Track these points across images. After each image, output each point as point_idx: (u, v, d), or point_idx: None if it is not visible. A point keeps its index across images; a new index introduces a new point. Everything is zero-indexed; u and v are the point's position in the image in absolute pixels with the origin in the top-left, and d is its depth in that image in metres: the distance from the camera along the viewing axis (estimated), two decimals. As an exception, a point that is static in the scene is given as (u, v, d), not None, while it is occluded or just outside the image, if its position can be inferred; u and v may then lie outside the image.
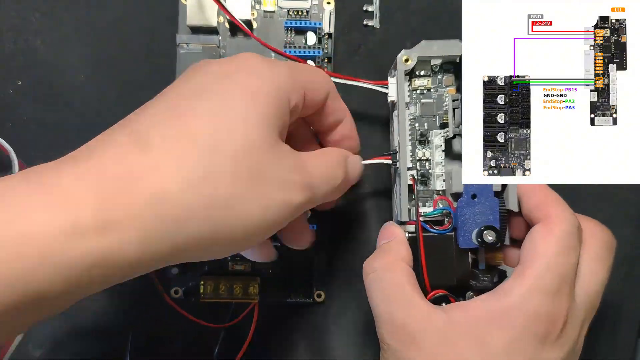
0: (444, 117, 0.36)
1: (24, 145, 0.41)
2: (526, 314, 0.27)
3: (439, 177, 0.36)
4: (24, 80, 0.41)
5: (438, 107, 0.36)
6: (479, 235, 0.33)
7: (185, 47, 0.40)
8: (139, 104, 0.32)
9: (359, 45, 0.42)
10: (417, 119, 0.36)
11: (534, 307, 0.27)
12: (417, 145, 0.36)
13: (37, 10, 0.41)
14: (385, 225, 0.34)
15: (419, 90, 0.36)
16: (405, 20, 0.42)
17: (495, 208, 0.33)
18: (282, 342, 0.42)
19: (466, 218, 0.33)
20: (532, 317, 0.27)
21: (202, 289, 0.39)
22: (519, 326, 0.27)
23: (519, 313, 0.27)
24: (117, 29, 0.41)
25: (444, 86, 0.36)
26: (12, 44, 0.41)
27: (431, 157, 0.36)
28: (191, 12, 0.39)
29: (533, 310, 0.27)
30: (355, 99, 0.39)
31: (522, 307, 0.27)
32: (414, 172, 0.36)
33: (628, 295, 0.42)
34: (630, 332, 0.42)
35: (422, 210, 0.35)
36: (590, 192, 0.42)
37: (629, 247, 0.42)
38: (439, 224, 0.34)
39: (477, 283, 0.34)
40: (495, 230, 0.32)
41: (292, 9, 0.40)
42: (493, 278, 0.34)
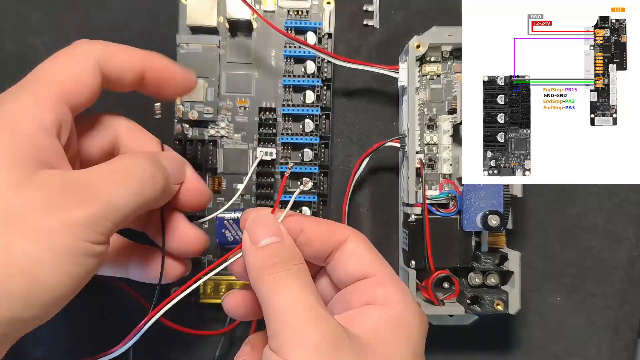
0: (453, 102, 0.36)
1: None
2: None
3: (446, 161, 0.37)
4: (24, 80, 0.41)
5: (447, 92, 0.37)
6: (483, 219, 0.34)
7: (185, 47, 0.40)
8: (138, 104, 0.32)
9: (359, 45, 0.42)
10: (426, 104, 0.37)
11: None
12: (425, 129, 0.37)
13: (37, 10, 0.41)
14: (256, 216, 0.28)
15: (428, 75, 0.37)
16: (405, 20, 0.42)
17: (499, 193, 0.34)
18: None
19: (471, 202, 0.34)
20: None
21: (202, 290, 0.39)
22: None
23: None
24: (117, 29, 0.41)
25: (453, 72, 0.37)
26: (12, 44, 0.41)
27: (439, 142, 0.37)
28: (191, 12, 0.39)
29: None
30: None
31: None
32: (422, 155, 0.36)
33: (628, 295, 0.42)
34: (630, 332, 0.42)
35: (428, 193, 0.36)
36: (590, 192, 0.42)
37: (629, 247, 0.42)
38: (444, 207, 0.36)
39: (479, 265, 0.35)
40: (499, 214, 0.34)
41: (292, 9, 0.40)
42: (495, 260, 0.35)
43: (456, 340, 0.42)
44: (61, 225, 0.22)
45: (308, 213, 0.39)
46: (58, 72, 0.25)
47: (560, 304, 0.42)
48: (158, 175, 0.26)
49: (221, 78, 0.40)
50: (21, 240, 0.21)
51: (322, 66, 0.39)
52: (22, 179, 0.22)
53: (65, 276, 0.22)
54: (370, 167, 0.42)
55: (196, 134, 0.40)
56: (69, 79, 0.25)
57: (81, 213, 0.22)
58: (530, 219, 0.42)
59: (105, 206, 0.23)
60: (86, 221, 0.22)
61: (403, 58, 0.37)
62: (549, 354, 0.42)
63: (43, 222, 0.21)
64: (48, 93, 0.24)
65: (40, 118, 0.24)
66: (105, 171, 0.24)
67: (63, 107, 0.25)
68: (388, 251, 0.42)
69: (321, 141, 0.39)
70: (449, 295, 0.37)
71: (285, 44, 0.40)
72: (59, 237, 0.22)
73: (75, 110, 0.26)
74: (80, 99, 0.26)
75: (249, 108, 0.40)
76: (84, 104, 0.26)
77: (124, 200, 0.24)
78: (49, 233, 0.21)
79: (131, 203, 0.24)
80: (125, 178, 0.24)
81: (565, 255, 0.42)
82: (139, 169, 0.25)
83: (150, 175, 0.26)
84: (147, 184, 0.26)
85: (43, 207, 0.22)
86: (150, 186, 0.26)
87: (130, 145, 0.29)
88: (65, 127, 0.25)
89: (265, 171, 0.40)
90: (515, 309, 0.35)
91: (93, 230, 0.22)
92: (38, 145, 0.23)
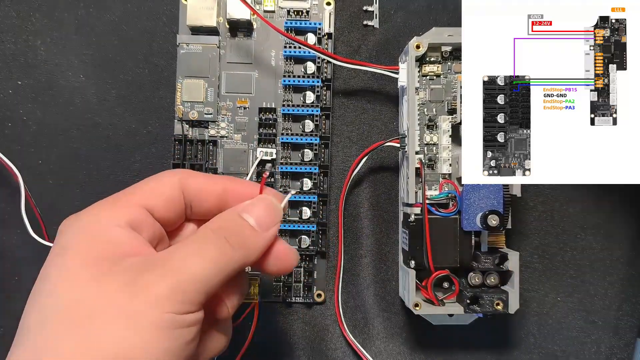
0: (453, 102, 0.36)
1: (24, 145, 0.41)
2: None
3: (445, 161, 0.37)
4: (24, 80, 0.41)
5: (447, 92, 0.37)
6: (483, 219, 0.34)
7: (185, 47, 0.40)
8: (138, 104, 0.33)
9: (359, 46, 0.42)
10: (426, 104, 0.37)
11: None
12: (425, 129, 0.37)
13: (37, 10, 0.41)
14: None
15: (428, 76, 0.37)
16: (405, 20, 0.42)
17: (499, 193, 0.34)
18: (282, 342, 0.42)
19: (471, 202, 0.34)
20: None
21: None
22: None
23: None
24: (117, 29, 0.42)
25: (453, 72, 0.37)
26: (12, 44, 0.41)
27: (439, 142, 0.37)
28: (191, 12, 0.39)
29: None
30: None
31: None
32: (422, 156, 0.36)
33: (628, 295, 0.42)
34: (630, 332, 0.42)
35: (428, 193, 0.36)
36: (590, 192, 0.42)
37: (629, 247, 0.42)
38: (444, 207, 0.36)
39: (479, 265, 0.35)
40: (499, 214, 0.34)
41: (292, 9, 0.40)
42: (495, 260, 0.35)
43: (456, 340, 0.42)
44: (144, 303, 0.22)
45: (308, 213, 0.40)
46: (140, 184, 0.28)
47: (560, 304, 0.42)
48: (234, 238, 0.26)
49: (221, 78, 0.40)
50: (110, 328, 0.22)
51: (322, 66, 0.39)
52: (101, 272, 0.23)
53: (160, 352, 0.23)
54: (370, 167, 0.42)
55: (196, 134, 0.40)
56: (146, 188, 0.27)
57: (160, 287, 0.23)
58: (530, 219, 0.42)
59: (184, 276, 0.24)
60: (167, 294, 0.23)
61: (403, 58, 0.37)
62: (549, 354, 0.42)
63: (127, 305, 0.22)
64: (124, 197, 0.26)
65: (114, 217, 0.25)
66: (181, 245, 0.25)
67: (139, 209, 0.26)
68: (388, 251, 0.42)
69: (321, 141, 0.39)
70: (448, 295, 0.37)
71: (285, 44, 0.40)
72: (145, 315, 0.22)
73: (154, 211, 0.27)
74: (157, 203, 0.27)
75: (249, 108, 0.40)
76: (164, 207, 0.27)
77: (202, 268, 0.24)
78: (136, 314, 0.22)
79: (212, 269, 0.25)
80: (200, 247, 0.25)
81: (565, 255, 0.42)
82: (211, 236, 0.26)
83: (223, 241, 0.26)
84: (224, 249, 0.25)
85: (125, 291, 0.23)
86: (228, 251, 0.26)
87: (190, 192, 0.29)
88: (145, 224, 0.26)
89: (265, 171, 0.40)
90: (514, 308, 0.35)
91: (177, 300, 0.23)
92: (112, 240, 0.25)
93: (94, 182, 0.41)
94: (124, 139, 0.41)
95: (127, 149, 0.41)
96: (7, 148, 0.40)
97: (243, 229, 0.26)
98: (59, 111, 0.41)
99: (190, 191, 0.28)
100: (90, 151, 0.41)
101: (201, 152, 0.40)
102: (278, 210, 0.28)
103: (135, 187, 0.27)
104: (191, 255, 0.24)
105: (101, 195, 0.27)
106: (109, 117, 0.41)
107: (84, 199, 0.40)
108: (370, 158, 0.41)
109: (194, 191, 0.28)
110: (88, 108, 0.41)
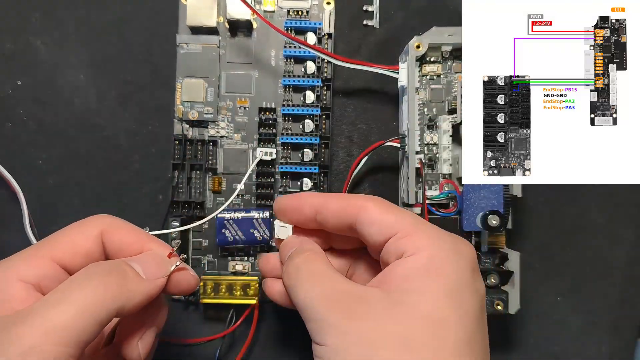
0: (453, 102, 0.36)
1: (25, 145, 0.41)
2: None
3: (445, 161, 0.37)
4: (24, 80, 0.41)
5: (447, 92, 0.37)
6: (483, 219, 0.34)
7: (185, 47, 0.40)
8: (139, 104, 0.33)
9: (359, 45, 0.42)
10: (427, 104, 0.37)
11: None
12: (425, 129, 0.37)
13: (37, 10, 0.41)
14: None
15: (429, 76, 0.37)
16: (405, 20, 0.42)
17: (499, 193, 0.34)
18: (282, 342, 0.42)
19: (471, 202, 0.34)
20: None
21: (202, 289, 0.39)
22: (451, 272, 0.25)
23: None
24: (117, 29, 0.42)
25: (453, 72, 0.37)
26: (12, 44, 0.41)
27: (439, 142, 0.37)
28: (191, 12, 0.39)
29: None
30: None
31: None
32: (422, 156, 0.36)
33: (628, 295, 0.42)
34: (630, 332, 0.42)
35: (428, 193, 0.36)
36: (590, 192, 0.42)
37: (629, 247, 0.42)
38: (444, 207, 0.36)
39: (479, 265, 0.35)
40: (499, 214, 0.34)
41: (292, 9, 0.40)
42: (495, 260, 0.35)
43: (456, 340, 0.42)
44: (16, 356, 0.22)
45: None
46: (61, 235, 0.27)
47: (560, 304, 0.42)
48: (114, 281, 0.26)
49: (221, 78, 0.40)
50: None
51: (322, 66, 0.39)
52: None
53: None
54: (370, 167, 0.42)
55: (196, 134, 0.40)
56: (66, 241, 0.27)
57: (27, 339, 0.22)
58: (530, 219, 0.42)
59: (50, 323, 0.23)
60: (28, 349, 0.22)
61: (403, 58, 0.37)
62: (549, 354, 0.42)
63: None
64: (40, 252, 0.26)
65: (21, 271, 0.25)
66: (51, 293, 0.24)
67: (51, 265, 0.26)
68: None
69: (321, 141, 0.39)
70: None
71: (285, 44, 0.40)
72: None
73: (69, 268, 0.27)
74: (74, 259, 0.27)
75: (249, 108, 0.40)
76: (81, 263, 0.27)
77: (67, 314, 0.23)
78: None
79: (82, 313, 0.24)
80: (66, 294, 0.24)
81: (565, 255, 0.42)
82: (83, 281, 0.25)
83: (97, 284, 0.25)
84: (96, 292, 0.25)
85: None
86: (101, 294, 0.25)
87: (111, 247, 0.29)
88: (56, 280, 0.26)
89: (265, 171, 0.40)
90: (515, 309, 0.35)
91: (46, 350, 0.22)
92: (6, 294, 0.25)
93: (93, 182, 0.41)
94: (124, 139, 0.41)
95: (127, 149, 0.41)
96: (7, 148, 0.40)
97: (126, 274, 0.26)
98: (59, 111, 0.41)
99: (112, 246, 0.28)
100: (90, 151, 0.41)
101: (201, 152, 0.40)
102: (166, 264, 0.28)
103: (55, 239, 0.27)
104: (54, 303, 0.24)
105: (101, 195, 0.27)
106: (109, 117, 0.41)
107: (84, 199, 0.40)
108: (370, 158, 0.41)
109: (116, 246, 0.28)
110: (88, 108, 0.41)
